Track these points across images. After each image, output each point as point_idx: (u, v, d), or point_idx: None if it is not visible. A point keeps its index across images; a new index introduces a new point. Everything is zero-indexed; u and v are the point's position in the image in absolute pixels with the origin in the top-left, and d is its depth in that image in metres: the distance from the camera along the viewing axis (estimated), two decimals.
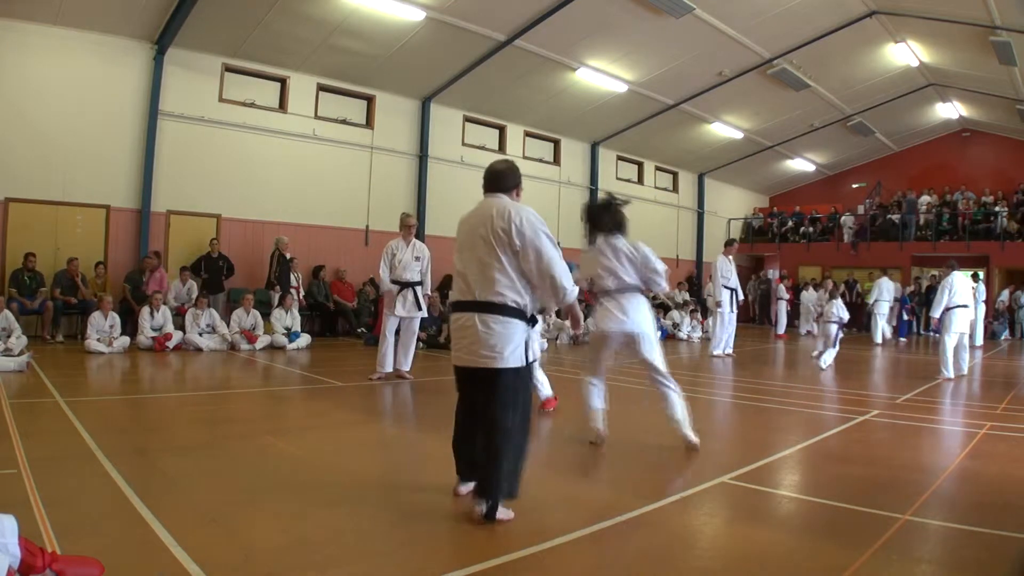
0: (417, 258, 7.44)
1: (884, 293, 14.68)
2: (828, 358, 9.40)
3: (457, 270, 3.17)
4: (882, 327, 14.61)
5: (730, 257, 11.21)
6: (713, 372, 9.27)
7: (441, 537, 2.84)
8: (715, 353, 10.79)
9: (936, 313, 8.90)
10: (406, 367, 7.52)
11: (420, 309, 7.47)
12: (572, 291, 3.06)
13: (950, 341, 8.75)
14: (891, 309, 17.54)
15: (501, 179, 3.23)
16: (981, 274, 16.94)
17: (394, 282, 7.34)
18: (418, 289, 7.43)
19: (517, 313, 3.03)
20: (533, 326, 3.13)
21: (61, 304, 9.77)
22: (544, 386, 5.83)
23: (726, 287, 10.98)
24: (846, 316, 9.86)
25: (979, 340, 14.21)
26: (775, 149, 20.15)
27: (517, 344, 3.00)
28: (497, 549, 2.64)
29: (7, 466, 3.46)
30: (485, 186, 3.25)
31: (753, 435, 5.37)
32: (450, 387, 7.78)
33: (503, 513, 2.99)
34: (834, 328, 9.56)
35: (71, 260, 10.01)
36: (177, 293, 10.71)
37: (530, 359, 3.06)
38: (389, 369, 7.37)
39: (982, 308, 14.46)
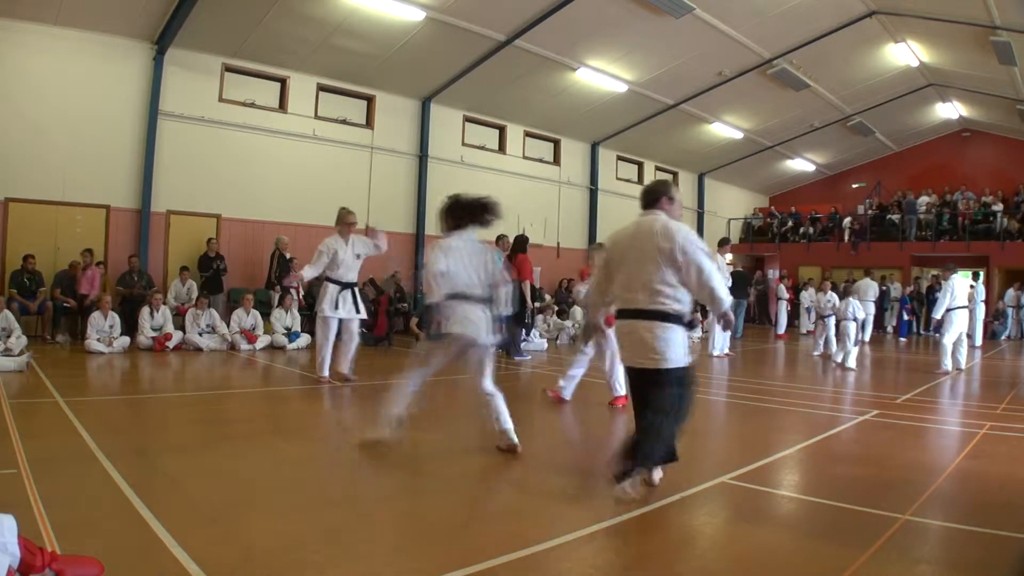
0: (358, 256, 7.08)
1: (867, 294, 14.73)
2: (852, 359, 9.46)
3: (618, 280, 3.54)
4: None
5: (723, 257, 11.13)
6: (713, 372, 9.27)
7: (440, 537, 2.84)
8: (714, 354, 10.70)
9: (938, 315, 9.41)
10: (347, 369, 7.07)
11: (359, 312, 7.11)
12: (728, 300, 3.50)
13: (949, 339, 9.27)
14: (890, 309, 17.60)
15: (650, 195, 3.64)
16: (981, 274, 16.95)
17: (334, 282, 6.94)
18: (356, 290, 7.11)
19: (678, 319, 3.42)
20: (691, 329, 3.50)
21: (61, 304, 9.77)
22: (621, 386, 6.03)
23: None
24: (861, 315, 9.95)
25: (978, 340, 14.21)
26: (775, 149, 20.15)
27: (679, 346, 3.40)
28: (497, 549, 2.64)
29: (7, 466, 3.46)
30: (642, 205, 3.66)
31: (753, 435, 5.36)
32: (449, 388, 7.79)
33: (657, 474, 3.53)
34: (852, 327, 9.59)
35: (73, 263, 10.04)
36: (177, 293, 10.71)
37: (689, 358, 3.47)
38: (326, 373, 6.92)
39: (981, 308, 14.46)
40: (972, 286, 12.23)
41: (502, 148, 16.20)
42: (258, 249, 12.14)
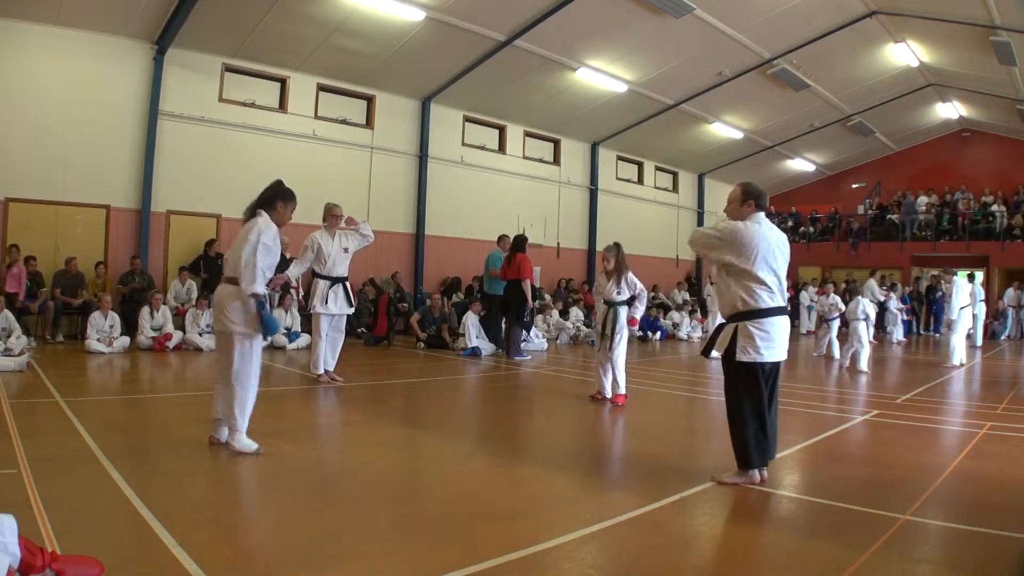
0: (346, 249, 6.95)
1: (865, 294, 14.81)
2: (863, 360, 9.20)
3: (770, 279, 3.65)
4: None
5: None
6: (713, 372, 9.26)
7: (440, 537, 2.84)
8: (715, 355, 10.59)
9: (954, 314, 10.07)
10: (332, 366, 7.01)
11: (351, 306, 7.04)
12: None
13: (959, 336, 9.92)
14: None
15: (766, 199, 3.89)
16: (978, 275, 16.98)
17: (324, 278, 6.85)
18: (347, 284, 7.01)
19: None
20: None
21: (61, 304, 9.77)
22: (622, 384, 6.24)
23: None
24: (872, 314, 9.77)
25: (978, 340, 14.22)
26: (775, 149, 20.14)
27: None
28: (497, 549, 2.64)
29: (7, 466, 3.46)
30: (763, 204, 3.83)
31: None
32: (449, 387, 7.75)
33: None
34: (862, 326, 9.32)
35: (69, 260, 10.01)
36: (177, 293, 10.71)
37: None
38: (321, 371, 6.89)
39: (981, 308, 14.48)
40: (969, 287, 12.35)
41: (502, 148, 16.19)
42: None
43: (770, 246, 3.67)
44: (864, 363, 9.24)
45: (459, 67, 13.27)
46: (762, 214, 3.80)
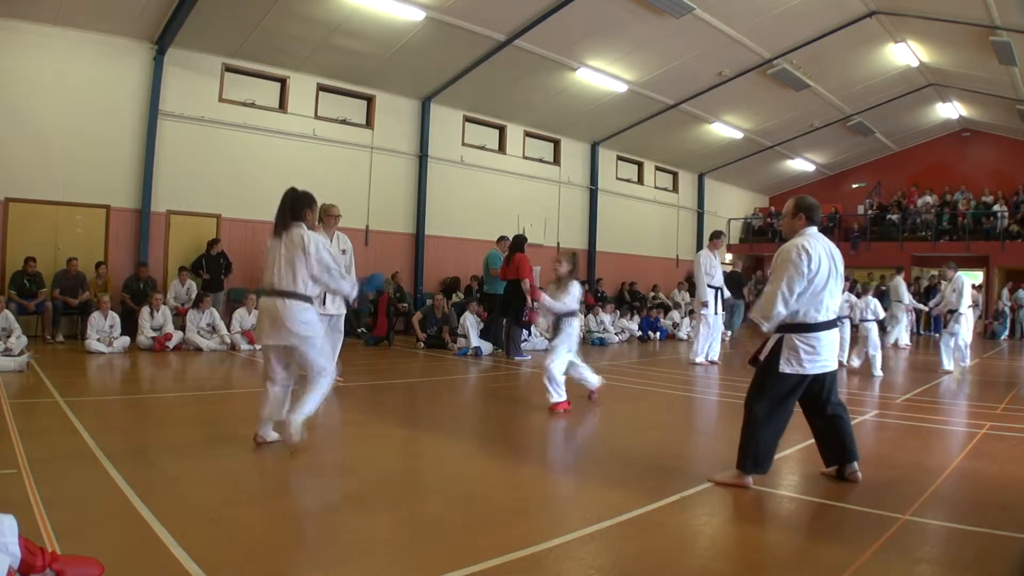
0: (343, 251, 6.95)
1: (898, 294, 14.73)
2: (877, 365, 8.69)
3: (825, 295, 3.59)
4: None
5: (715, 252, 9.91)
6: (711, 373, 9.26)
7: (440, 537, 2.84)
8: (696, 360, 9.63)
9: (962, 308, 9.58)
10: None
11: (348, 306, 6.96)
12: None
13: (965, 337, 9.48)
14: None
15: (819, 212, 3.79)
16: (978, 276, 16.97)
17: None
18: None
19: None
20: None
21: (61, 304, 9.77)
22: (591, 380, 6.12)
23: (711, 286, 9.68)
24: (882, 314, 9.29)
25: (970, 339, 14.23)
26: (775, 149, 20.15)
27: None
28: (497, 549, 2.64)
29: (7, 466, 3.46)
30: (814, 218, 3.72)
31: None
32: (450, 387, 7.75)
33: None
34: (873, 328, 8.82)
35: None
36: (177, 293, 10.71)
37: None
38: None
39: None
40: (975, 285, 12.34)
41: (502, 148, 16.20)
42: (258, 249, 12.12)
43: (827, 263, 3.58)
44: (878, 367, 8.72)
45: (459, 67, 13.27)
46: (814, 228, 3.69)
